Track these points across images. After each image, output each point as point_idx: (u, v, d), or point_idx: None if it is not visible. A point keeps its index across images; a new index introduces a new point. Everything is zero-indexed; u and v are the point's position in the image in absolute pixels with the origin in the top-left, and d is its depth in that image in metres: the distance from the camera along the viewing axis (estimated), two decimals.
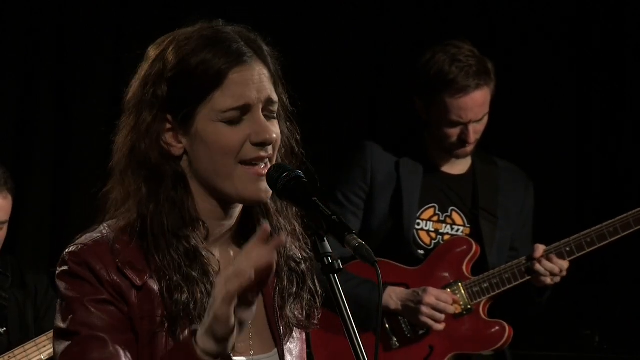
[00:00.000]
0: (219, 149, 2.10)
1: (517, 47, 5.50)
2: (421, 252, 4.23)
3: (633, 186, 5.47)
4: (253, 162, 2.11)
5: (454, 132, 4.15)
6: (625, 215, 4.16)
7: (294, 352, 2.24)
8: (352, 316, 2.01)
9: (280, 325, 2.22)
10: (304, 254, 2.27)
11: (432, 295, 4.11)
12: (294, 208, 2.23)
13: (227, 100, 2.09)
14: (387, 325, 4.17)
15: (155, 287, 2.09)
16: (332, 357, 4.16)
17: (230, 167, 2.10)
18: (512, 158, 4.66)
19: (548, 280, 4.13)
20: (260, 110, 2.12)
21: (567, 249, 4.16)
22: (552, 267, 4.12)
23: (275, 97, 2.15)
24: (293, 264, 2.24)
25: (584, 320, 5.34)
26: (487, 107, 4.16)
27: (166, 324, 2.09)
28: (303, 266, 2.26)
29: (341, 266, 2.03)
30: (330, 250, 2.03)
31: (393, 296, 4.15)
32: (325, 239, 2.04)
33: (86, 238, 2.14)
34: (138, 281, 2.09)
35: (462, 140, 4.15)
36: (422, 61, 4.19)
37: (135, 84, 2.16)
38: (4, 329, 4.37)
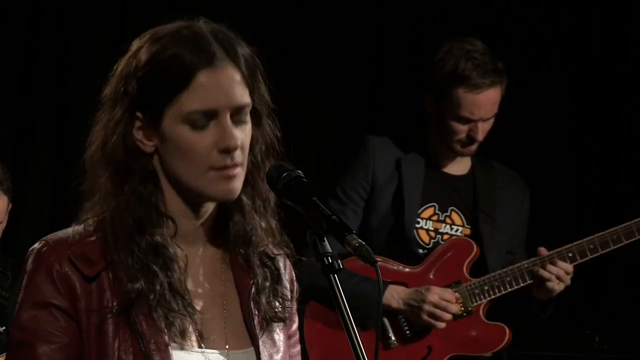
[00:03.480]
0: (186, 153, 2.09)
1: (516, 47, 5.50)
2: (421, 250, 4.23)
3: (633, 188, 5.47)
4: (221, 169, 2.10)
5: (463, 129, 4.15)
6: (628, 223, 4.16)
7: (274, 357, 2.23)
8: (353, 314, 2.01)
9: (256, 323, 2.21)
10: (280, 250, 2.27)
11: (436, 294, 4.11)
12: (272, 205, 2.22)
13: (193, 103, 2.07)
14: (386, 324, 4.17)
15: (109, 280, 2.10)
16: (327, 354, 4.15)
17: (199, 172, 2.10)
18: (511, 159, 4.66)
19: (555, 286, 4.12)
20: (228, 116, 2.09)
21: (570, 254, 4.16)
22: (557, 270, 4.11)
23: (246, 102, 2.12)
24: (267, 260, 2.23)
25: (584, 320, 5.34)
26: (497, 106, 4.17)
27: (121, 315, 2.08)
28: (277, 262, 2.26)
29: (341, 266, 2.03)
30: (330, 250, 2.03)
31: (395, 295, 4.14)
32: (325, 238, 2.04)
33: (53, 234, 2.17)
34: (88, 273, 2.10)
35: (470, 138, 4.15)
36: (436, 56, 4.18)
37: (112, 78, 2.15)
38: (4, 327, 4.37)
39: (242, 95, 2.11)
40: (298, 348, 2.36)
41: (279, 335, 2.26)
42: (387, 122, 5.48)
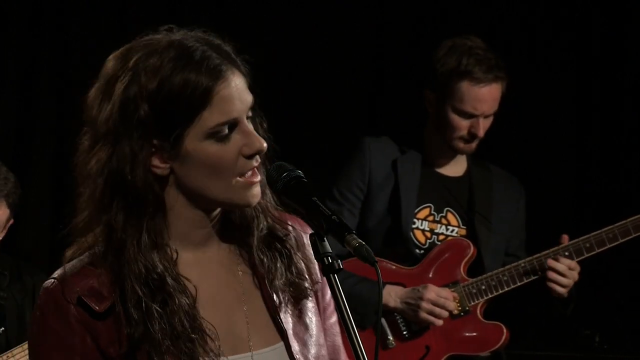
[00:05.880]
0: (214, 168, 2.08)
1: (517, 47, 5.50)
2: (417, 250, 4.24)
3: (633, 187, 5.47)
4: (247, 175, 2.11)
5: (465, 125, 4.15)
6: (624, 222, 4.16)
7: (308, 342, 2.20)
8: (351, 314, 2.01)
9: (282, 315, 2.18)
10: (286, 229, 2.25)
11: (433, 291, 4.12)
12: (269, 191, 2.21)
13: (216, 117, 2.07)
14: (384, 324, 4.17)
15: (121, 312, 2.07)
16: None
17: (227, 182, 2.09)
18: (512, 159, 4.65)
19: (557, 287, 4.12)
20: (246, 121, 2.11)
21: (566, 253, 4.16)
22: (562, 267, 4.12)
23: (252, 99, 2.13)
24: (279, 245, 2.22)
25: (584, 320, 5.34)
26: (498, 104, 4.18)
27: (128, 357, 2.07)
28: (287, 243, 2.23)
29: (341, 266, 2.03)
30: (330, 250, 2.03)
31: (392, 294, 4.15)
32: (325, 238, 2.04)
33: (63, 270, 2.14)
34: (98, 309, 2.07)
35: (472, 134, 4.15)
36: (438, 53, 4.20)
37: (105, 107, 2.11)
38: (2, 328, 4.37)
39: (249, 94, 2.13)
40: (334, 319, 2.32)
41: (311, 317, 2.23)
42: (387, 122, 5.48)
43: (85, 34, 5.31)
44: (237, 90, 2.09)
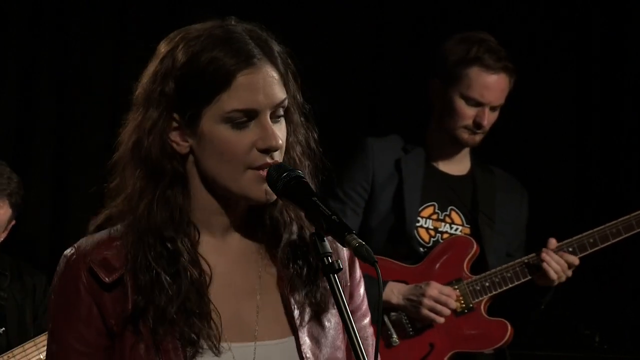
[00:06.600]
0: (225, 153, 2.09)
1: (517, 48, 5.50)
2: (421, 249, 4.24)
3: (633, 187, 5.47)
4: (260, 168, 2.11)
5: (470, 114, 4.15)
6: (627, 216, 4.17)
7: (322, 342, 2.19)
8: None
9: (297, 315, 2.17)
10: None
11: (435, 289, 4.12)
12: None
13: (233, 103, 2.08)
14: (387, 322, 4.17)
15: (129, 285, 2.10)
16: None
17: (237, 172, 2.10)
18: (512, 159, 4.65)
19: (554, 276, 4.12)
20: (268, 116, 2.11)
21: (570, 249, 4.17)
22: (563, 262, 4.12)
23: (283, 97, 2.14)
24: (308, 255, 2.21)
25: (584, 320, 5.34)
26: (504, 98, 4.18)
27: (129, 324, 2.09)
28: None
29: (341, 266, 2.03)
30: (330, 250, 2.04)
31: (395, 291, 4.15)
32: (325, 238, 2.04)
33: (84, 239, 2.17)
34: (107, 280, 2.10)
35: (477, 124, 4.15)
36: (448, 43, 4.22)
37: (144, 79, 2.15)
38: (3, 329, 4.37)
39: (281, 92, 2.13)
40: (363, 323, 2.32)
41: (330, 319, 2.21)
42: (387, 122, 5.48)
43: (85, 34, 5.30)
44: (264, 82, 2.10)
